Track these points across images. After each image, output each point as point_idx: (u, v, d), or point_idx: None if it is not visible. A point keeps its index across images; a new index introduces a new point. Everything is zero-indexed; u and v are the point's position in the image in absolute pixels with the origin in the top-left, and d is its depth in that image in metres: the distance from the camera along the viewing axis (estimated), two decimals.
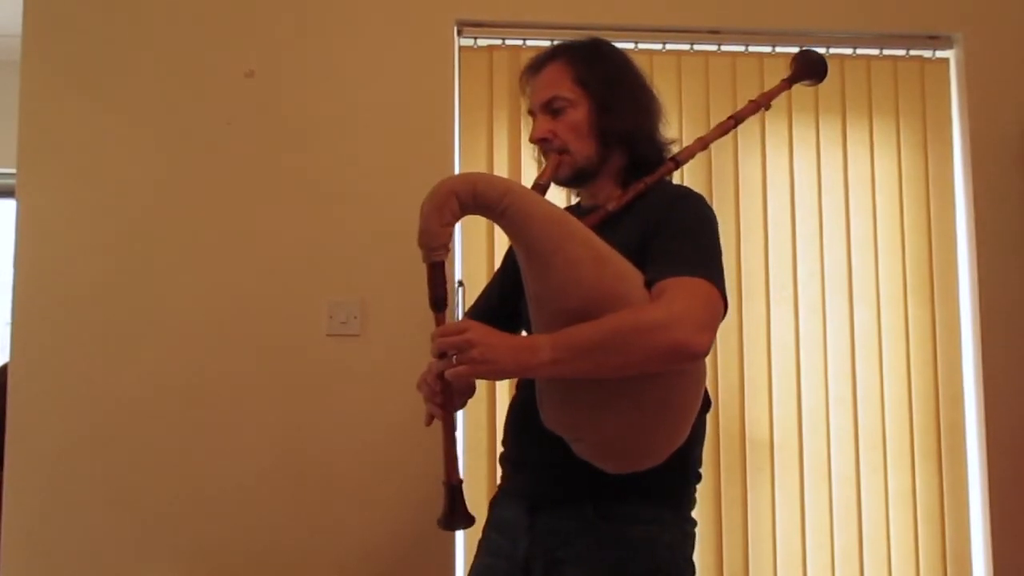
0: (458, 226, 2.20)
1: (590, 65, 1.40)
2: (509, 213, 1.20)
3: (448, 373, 1.18)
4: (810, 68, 1.60)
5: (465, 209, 1.21)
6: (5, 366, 2.16)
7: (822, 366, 2.33)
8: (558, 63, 1.42)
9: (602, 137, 1.39)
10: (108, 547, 2.08)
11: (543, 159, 1.45)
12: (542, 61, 1.44)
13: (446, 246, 1.21)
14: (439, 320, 1.24)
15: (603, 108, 1.39)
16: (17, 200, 2.14)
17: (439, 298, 1.24)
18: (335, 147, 2.22)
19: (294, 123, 2.22)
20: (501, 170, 2.30)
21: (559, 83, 1.40)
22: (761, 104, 1.54)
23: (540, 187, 1.38)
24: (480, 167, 2.30)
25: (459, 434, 2.18)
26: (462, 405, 1.42)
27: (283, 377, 2.15)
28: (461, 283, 2.22)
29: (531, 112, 1.45)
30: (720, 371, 2.29)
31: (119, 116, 2.19)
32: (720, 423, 2.27)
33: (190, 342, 2.14)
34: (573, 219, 1.25)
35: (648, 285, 1.23)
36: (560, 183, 1.45)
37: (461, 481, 1.30)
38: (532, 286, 1.25)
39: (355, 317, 2.17)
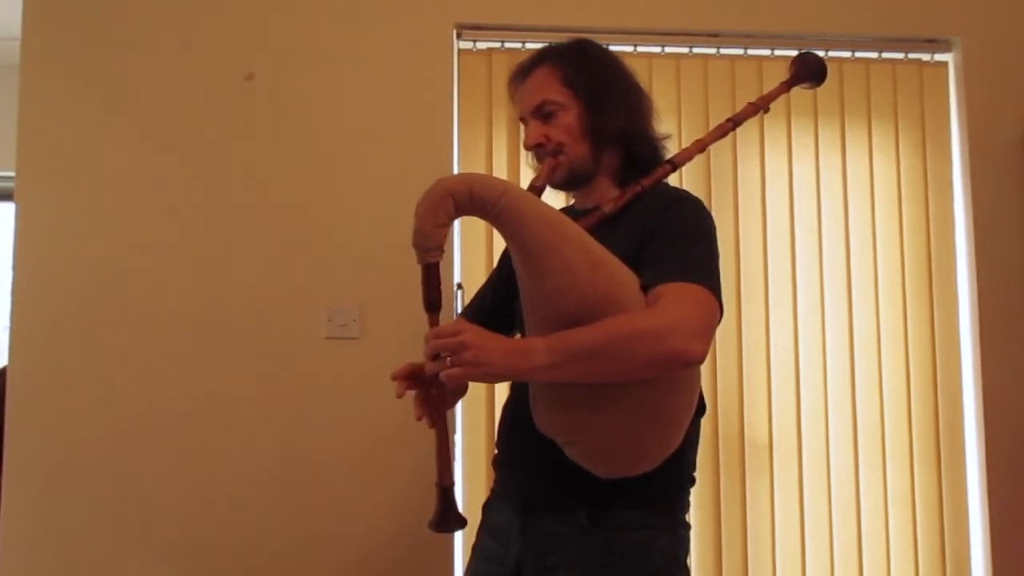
0: (456, 229, 2.25)
1: (577, 66, 1.39)
2: (505, 215, 1.19)
3: (442, 375, 1.17)
4: (809, 71, 1.58)
5: (461, 210, 1.20)
6: (4, 369, 2.16)
7: (821, 368, 2.33)
8: (545, 67, 1.41)
9: (595, 137, 1.38)
10: (107, 550, 2.08)
11: (538, 165, 1.44)
12: (529, 66, 1.43)
13: (440, 247, 1.20)
14: (432, 322, 1.23)
15: (594, 108, 1.38)
16: (16, 203, 2.15)
17: (433, 300, 1.23)
18: (334, 149, 2.22)
19: (293, 126, 2.22)
20: (500, 173, 2.30)
21: (548, 87, 1.39)
22: (760, 107, 1.52)
23: (536, 190, 1.37)
24: (479, 170, 2.29)
25: (457, 437, 2.20)
26: (453, 404, 1.42)
27: (282, 380, 2.15)
28: (460, 286, 2.22)
29: (522, 119, 1.44)
30: (719, 373, 2.28)
31: (118, 120, 2.19)
32: (719, 425, 2.27)
33: (189, 344, 2.15)
34: (569, 222, 1.24)
35: (644, 289, 1.22)
36: (556, 186, 1.44)
37: (454, 483, 1.30)
38: (527, 288, 1.25)
39: (354, 320, 2.17)
